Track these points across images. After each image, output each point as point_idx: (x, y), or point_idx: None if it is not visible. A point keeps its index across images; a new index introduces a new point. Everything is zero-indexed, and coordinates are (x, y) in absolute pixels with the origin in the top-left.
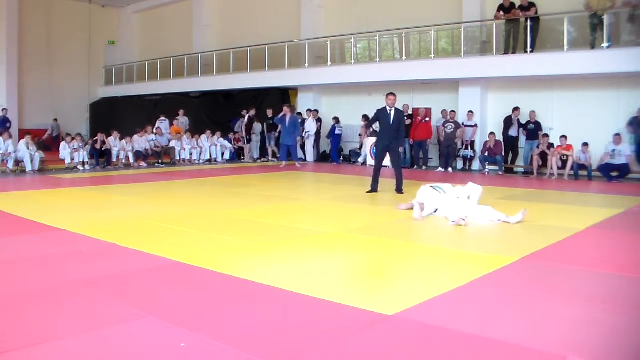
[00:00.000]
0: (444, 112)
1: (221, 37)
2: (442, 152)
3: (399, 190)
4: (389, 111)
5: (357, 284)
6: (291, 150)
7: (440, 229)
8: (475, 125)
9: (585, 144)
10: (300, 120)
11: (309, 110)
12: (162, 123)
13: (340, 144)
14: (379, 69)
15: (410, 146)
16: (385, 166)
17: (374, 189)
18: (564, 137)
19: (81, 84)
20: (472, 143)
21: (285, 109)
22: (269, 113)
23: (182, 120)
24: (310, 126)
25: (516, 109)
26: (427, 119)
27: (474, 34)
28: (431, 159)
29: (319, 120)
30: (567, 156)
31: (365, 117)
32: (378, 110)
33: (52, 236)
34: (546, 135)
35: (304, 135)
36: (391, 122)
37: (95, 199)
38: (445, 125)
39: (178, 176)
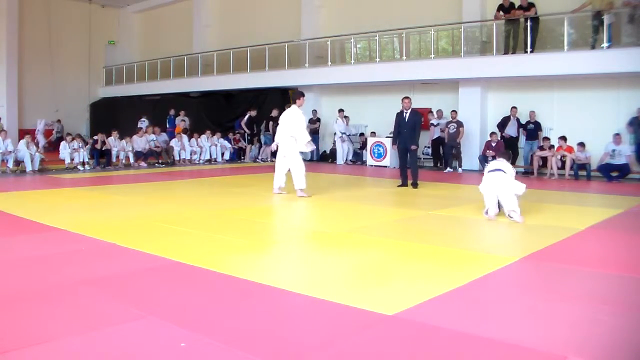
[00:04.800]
0: (439, 112)
1: (221, 37)
2: (445, 151)
3: (415, 184)
4: (404, 114)
5: (357, 284)
6: None
7: (440, 229)
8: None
9: (581, 144)
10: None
11: (340, 110)
12: (142, 123)
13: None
14: (379, 69)
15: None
16: (386, 166)
17: (404, 183)
18: (562, 138)
19: (81, 84)
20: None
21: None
22: (274, 113)
23: (184, 119)
24: (340, 126)
25: (514, 107)
26: None
27: (474, 34)
28: (430, 158)
29: (318, 120)
30: (567, 157)
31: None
32: (397, 114)
33: (52, 236)
34: (547, 139)
35: (340, 137)
36: (406, 123)
37: (95, 199)
38: (449, 126)
39: (178, 176)
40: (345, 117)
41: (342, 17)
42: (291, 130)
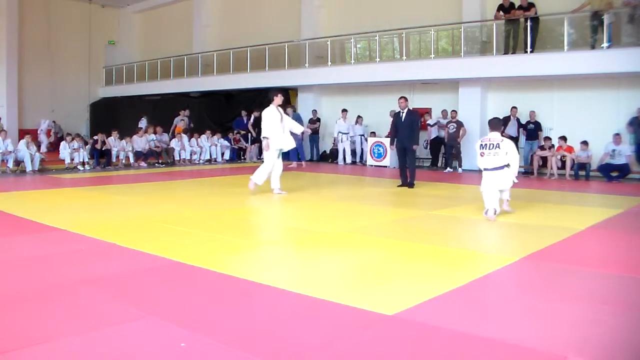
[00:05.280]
0: (444, 112)
1: (221, 37)
2: (446, 151)
3: (411, 184)
4: (401, 114)
5: (357, 284)
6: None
7: (440, 229)
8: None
9: (584, 142)
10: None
11: (343, 110)
12: (142, 123)
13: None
14: (379, 69)
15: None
16: (386, 166)
17: (404, 182)
18: (562, 138)
19: (81, 84)
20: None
21: (289, 109)
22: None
23: (183, 119)
24: (341, 126)
25: (514, 107)
26: None
27: (474, 34)
28: (429, 159)
29: (318, 120)
30: (567, 157)
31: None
32: (394, 114)
33: (52, 236)
34: (548, 138)
35: (336, 137)
36: (403, 123)
37: (95, 199)
38: (449, 125)
39: (178, 176)
40: (359, 116)
41: (342, 17)
42: (262, 128)
